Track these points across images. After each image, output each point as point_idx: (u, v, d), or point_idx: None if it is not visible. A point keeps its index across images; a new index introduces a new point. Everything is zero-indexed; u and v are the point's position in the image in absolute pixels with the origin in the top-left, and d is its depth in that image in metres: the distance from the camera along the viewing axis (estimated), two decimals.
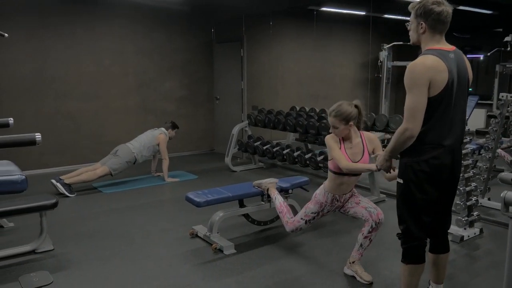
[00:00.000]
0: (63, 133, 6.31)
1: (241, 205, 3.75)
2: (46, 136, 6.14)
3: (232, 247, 3.47)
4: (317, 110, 5.66)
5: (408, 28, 2.23)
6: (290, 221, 3.19)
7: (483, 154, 4.47)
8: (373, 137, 2.98)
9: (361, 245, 2.98)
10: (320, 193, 3.04)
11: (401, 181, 2.24)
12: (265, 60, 8.16)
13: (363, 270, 2.99)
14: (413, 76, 2.06)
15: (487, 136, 4.46)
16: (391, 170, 2.35)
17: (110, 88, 6.65)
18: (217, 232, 3.61)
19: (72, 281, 2.99)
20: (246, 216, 3.81)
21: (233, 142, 6.19)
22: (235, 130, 6.24)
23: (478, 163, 4.54)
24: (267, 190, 3.57)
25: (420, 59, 2.08)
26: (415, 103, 2.05)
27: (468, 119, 7.47)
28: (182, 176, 5.84)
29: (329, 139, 2.90)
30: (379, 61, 8.51)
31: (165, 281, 3.00)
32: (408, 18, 2.24)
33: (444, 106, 2.10)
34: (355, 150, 2.87)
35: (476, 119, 7.71)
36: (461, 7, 7.02)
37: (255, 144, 5.94)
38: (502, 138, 4.62)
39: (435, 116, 2.11)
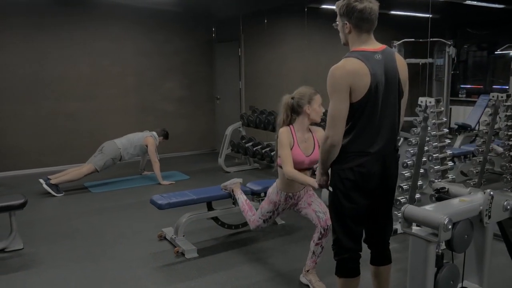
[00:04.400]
0: (61, 133, 6.44)
1: (209, 208, 3.69)
2: (45, 136, 6.34)
3: (194, 251, 3.42)
4: None
5: (337, 28, 2.11)
6: (251, 219, 3.18)
7: (472, 158, 4.24)
8: (318, 128, 2.89)
9: (313, 252, 2.87)
10: (272, 192, 2.96)
11: (331, 189, 2.13)
12: (269, 58, 8.04)
13: (318, 279, 2.88)
14: (332, 81, 1.95)
15: (477, 139, 4.22)
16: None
17: (109, 88, 6.73)
18: (183, 235, 3.58)
19: (27, 282, 3.02)
20: (215, 219, 3.76)
21: (226, 142, 6.15)
22: (229, 130, 6.19)
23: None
24: (233, 191, 3.53)
25: (341, 63, 1.96)
26: (335, 110, 1.95)
27: (479, 118, 7.22)
28: (175, 177, 5.83)
29: (283, 134, 2.73)
30: None
31: (117, 283, 2.99)
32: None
33: (369, 112, 1.97)
34: (308, 144, 2.79)
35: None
36: (468, 2, 6.69)
37: (247, 145, 5.87)
38: (495, 140, 4.35)
39: (360, 122, 1.99)
